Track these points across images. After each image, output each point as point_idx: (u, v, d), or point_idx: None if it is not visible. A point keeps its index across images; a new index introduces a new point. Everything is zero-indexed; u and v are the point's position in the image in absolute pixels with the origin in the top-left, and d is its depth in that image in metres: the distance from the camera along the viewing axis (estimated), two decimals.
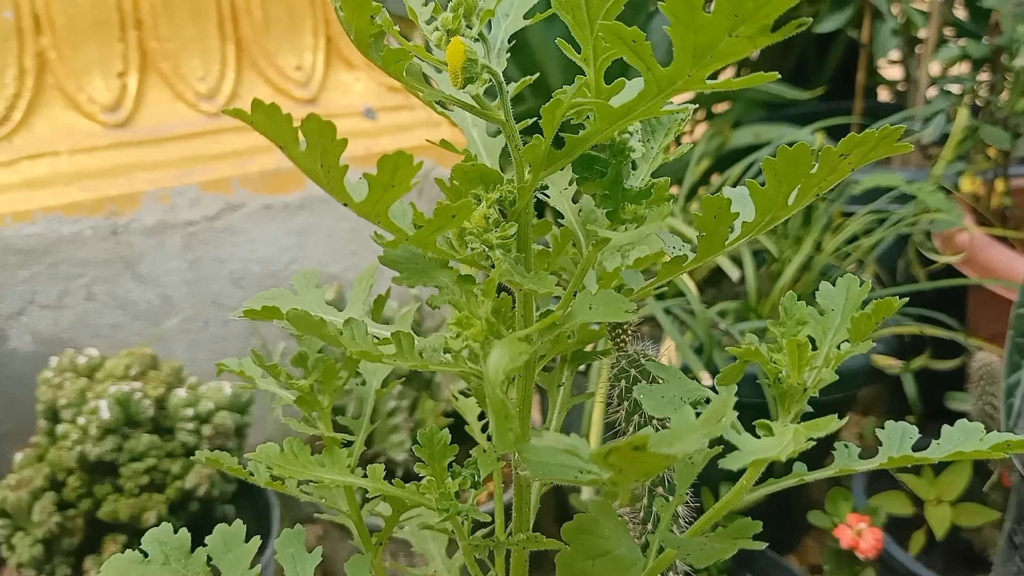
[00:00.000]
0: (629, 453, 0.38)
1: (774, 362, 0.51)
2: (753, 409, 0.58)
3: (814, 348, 0.54)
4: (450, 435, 0.64)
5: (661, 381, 0.59)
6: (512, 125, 0.54)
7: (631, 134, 0.54)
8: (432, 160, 1.69)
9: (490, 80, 0.53)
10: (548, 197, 0.62)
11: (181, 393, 1.19)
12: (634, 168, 0.60)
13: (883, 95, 2.67)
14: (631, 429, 0.69)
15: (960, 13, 2.25)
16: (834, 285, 0.60)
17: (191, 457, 1.19)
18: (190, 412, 1.18)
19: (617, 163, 0.54)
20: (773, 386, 0.52)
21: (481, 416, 0.83)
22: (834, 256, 1.69)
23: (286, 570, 0.62)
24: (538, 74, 0.61)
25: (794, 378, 0.51)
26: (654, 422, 0.68)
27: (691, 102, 2.38)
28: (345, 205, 0.47)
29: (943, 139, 1.86)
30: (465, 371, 0.52)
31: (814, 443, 0.46)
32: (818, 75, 2.52)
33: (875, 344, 1.58)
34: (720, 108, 2.56)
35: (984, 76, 1.83)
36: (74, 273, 1.42)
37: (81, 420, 1.12)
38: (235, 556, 0.62)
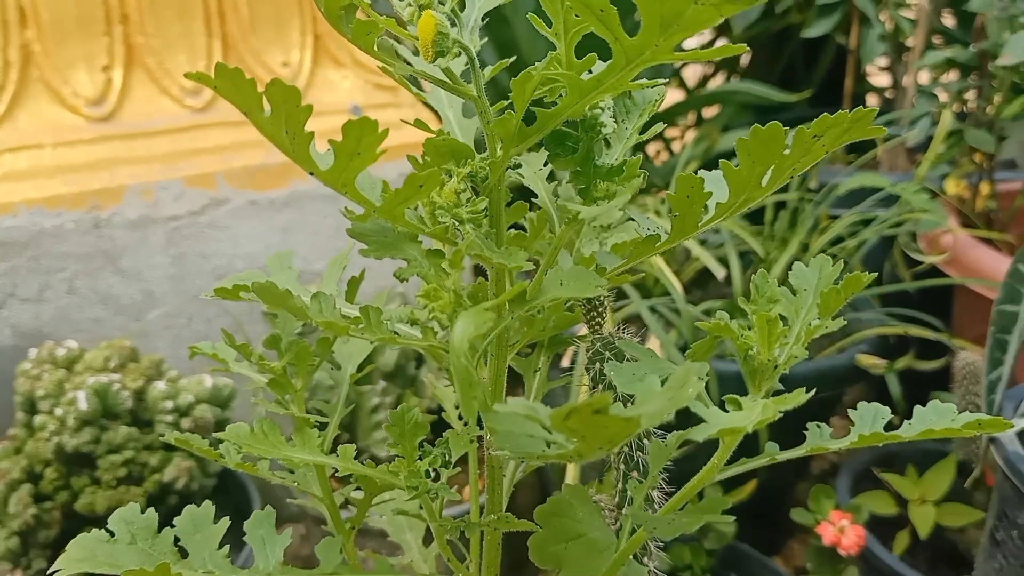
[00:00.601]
0: (589, 416, 0.38)
1: (744, 338, 0.51)
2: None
3: (786, 326, 0.53)
4: (432, 430, 0.63)
5: (633, 360, 0.58)
6: (484, 101, 0.53)
7: (602, 110, 0.53)
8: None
9: (462, 54, 0.53)
10: (523, 177, 0.62)
11: (160, 386, 1.19)
12: (608, 147, 0.60)
13: (871, 101, 2.68)
14: None
15: (948, 22, 2.26)
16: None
17: (170, 450, 1.19)
18: (169, 404, 1.17)
19: (588, 139, 0.54)
20: (744, 362, 0.52)
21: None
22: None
23: (255, 552, 0.62)
24: (515, 57, 0.61)
25: (764, 354, 0.51)
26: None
27: (682, 105, 2.38)
28: (311, 174, 0.47)
29: (929, 143, 1.87)
30: (433, 345, 0.52)
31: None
32: (806, 81, 2.53)
33: (860, 344, 1.58)
34: (709, 113, 2.57)
35: (971, 81, 1.84)
36: (55, 267, 1.41)
37: (59, 411, 1.11)
38: (203, 537, 0.61)
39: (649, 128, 0.62)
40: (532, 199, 0.62)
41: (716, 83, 2.79)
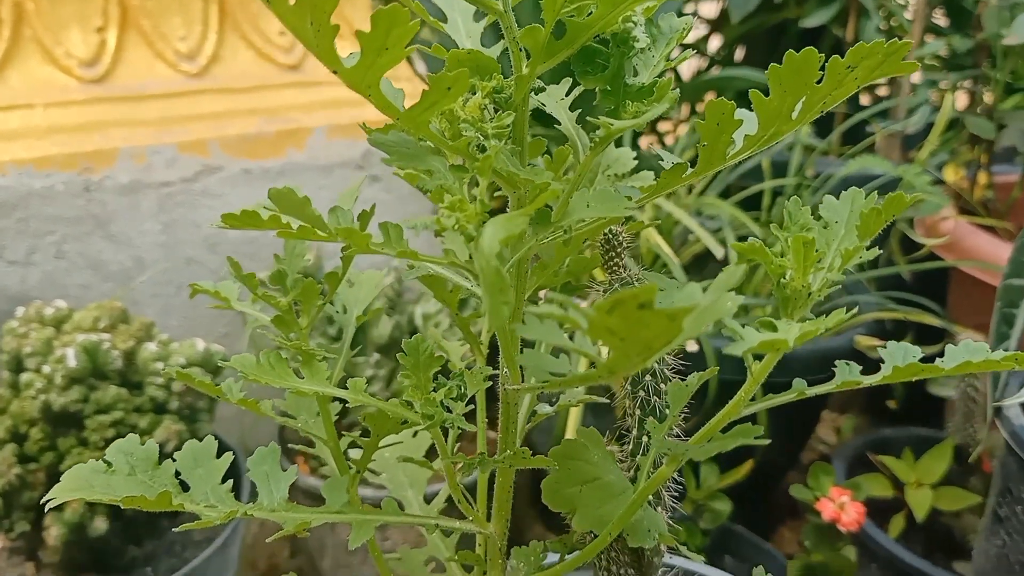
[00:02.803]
0: (633, 312, 0.36)
1: (778, 263, 0.49)
2: (739, 387, 0.55)
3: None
4: None
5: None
6: (510, 16, 0.51)
7: (635, 24, 0.51)
8: None
9: None
10: (543, 105, 0.60)
11: (151, 347, 1.16)
12: (635, 75, 0.58)
13: (864, 99, 2.68)
14: None
15: (942, 22, 2.26)
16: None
17: (160, 413, 1.16)
18: (160, 366, 1.14)
19: (620, 54, 0.52)
20: (777, 289, 0.50)
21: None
22: None
23: (259, 488, 0.59)
24: None
25: (799, 280, 0.49)
26: None
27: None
28: (335, 72, 0.45)
29: (924, 135, 1.87)
30: (455, 263, 0.50)
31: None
32: None
33: (857, 328, 1.57)
34: (702, 109, 2.56)
35: (969, 71, 1.84)
36: (44, 229, 1.38)
37: (46, 369, 1.08)
38: (205, 471, 0.59)
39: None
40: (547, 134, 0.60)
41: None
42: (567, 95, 0.60)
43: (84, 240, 1.42)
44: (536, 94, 0.58)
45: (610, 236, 0.67)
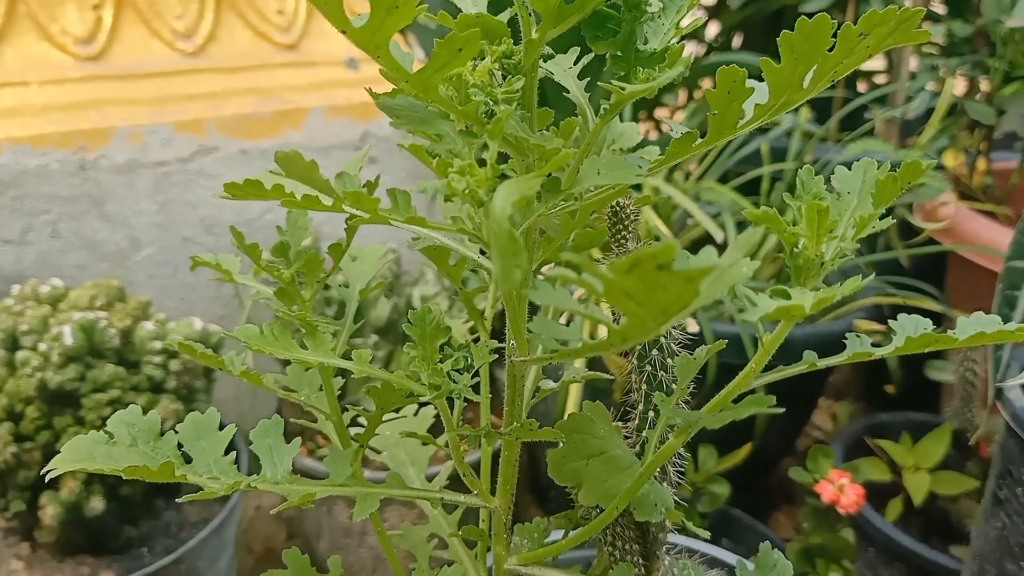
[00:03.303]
0: (652, 272, 0.35)
1: (791, 231, 0.48)
2: (737, 370, 0.55)
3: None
4: None
5: None
6: None
7: None
8: None
9: None
10: (551, 73, 0.59)
11: (148, 326, 1.15)
12: (646, 43, 0.57)
13: (861, 86, 2.67)
14: None
15: (940, 10, 2.25)
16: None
17: (158, 392, 1.15)
18: (158, 345, 1.13)
19: (631, 19, 0.51)
20: (790, 258, 0.49)
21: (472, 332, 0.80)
22: None
23: (262, 461, 0.59)
24: None
25: (812, 248, 0.48)
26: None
27: (673, 81, 2.36)
28: (343, 32, 0.44)
29: (923, 120, 1.86)
30: (464, 229, 0.49)
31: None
32: None
33: (856, 313, 1.56)
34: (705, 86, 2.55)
35: (969, 56, 1.83)
36: (39, 208, 1.37)
37: (43, 346, 1.07)
38: (207, 443, 0.58)
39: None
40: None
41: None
42: (575, 64, 0.60)
43: (79, 220, 1.40)
44: (544, 62, 0.58)
45: (617, 209, 0.66)
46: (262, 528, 1.67)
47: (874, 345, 0.56)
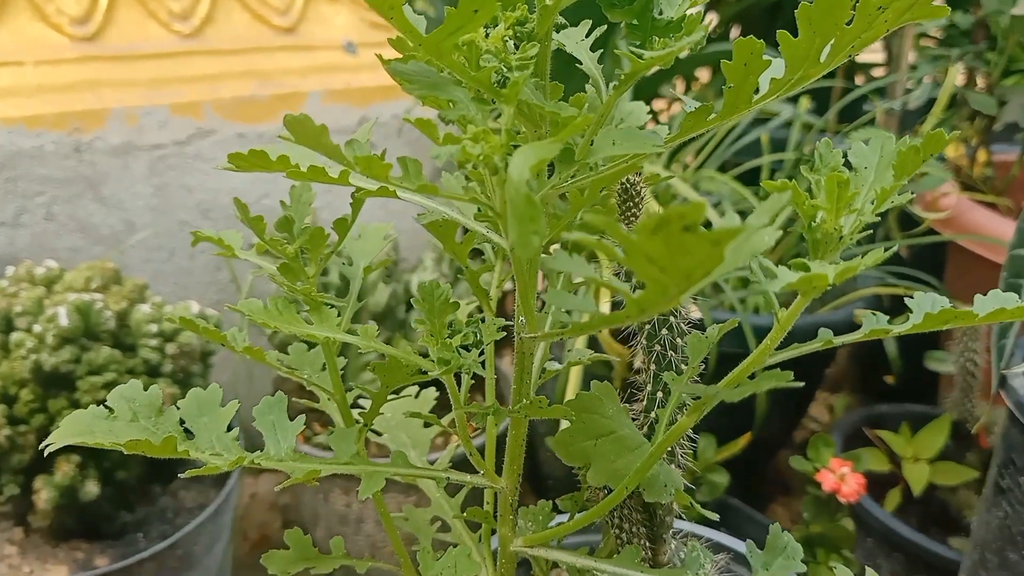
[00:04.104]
0: (677, 234, 0.34)
1: (810, 204, 0.47)
2: (738, 359, 0.54)
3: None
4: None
5: None
6: None
7: None
8: (412, 99, 1.64)
9: None
10: (563, 44, 0.58)
11: (145, 309, 1.13)
12: (661, 13, 0.56)
13: (858, 79, 2.67)
14: None
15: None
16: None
17: (154, 376, 1.14)
18: (154, 328, 1.12)
19: None
20: (807, 231, 0.48)
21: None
22: None
23: (266, 438, 0.57)
24: None
25: (831, 221, 0.47)
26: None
27: (670, 71, 2.35)
28: None
29: (922, 112, 1.85)
30: (476, 199, 0.48)
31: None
32: None
33: (856, 303, 1.55)
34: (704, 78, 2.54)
35: (970, 47, 1.82)
36: (33, 190, 1.35)
37: (37, 328, 1.05)
38: (209, 419, 0.57)
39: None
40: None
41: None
42: (587, 36, 0.58)
43: (74, 202, 1.39)
44: (556, 33, 0.57)
45: (628, 186, 0.65)
46: (257, 516, 1.66)
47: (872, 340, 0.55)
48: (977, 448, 1.45)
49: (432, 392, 0.84)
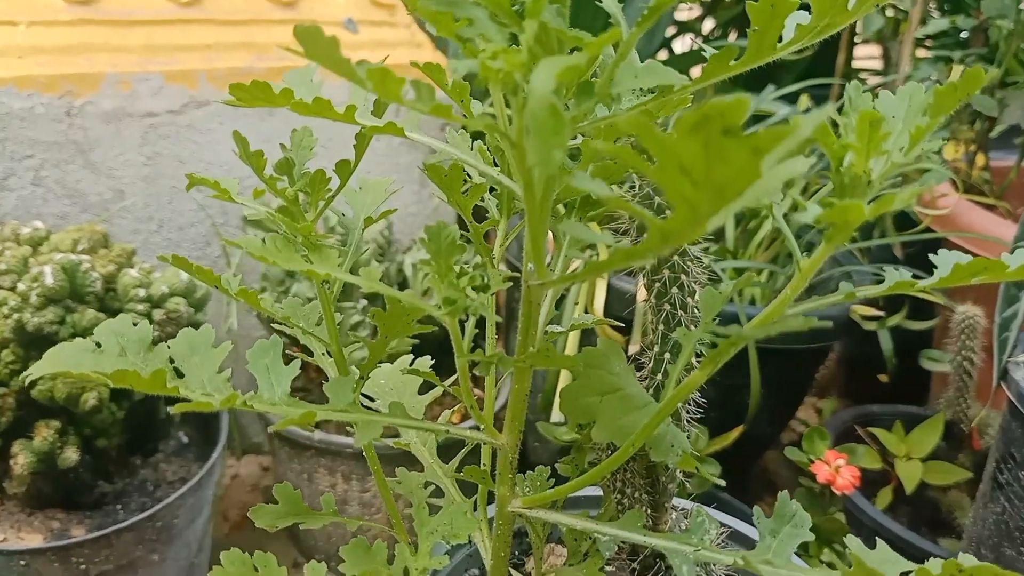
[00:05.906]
0: (716, 137, 0.32)
1: (840, 144, 0.45)
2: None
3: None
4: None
5: None
6: None
7: None
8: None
9: None
10: None
11: (133, 273, 1.10)
12: None
13: None
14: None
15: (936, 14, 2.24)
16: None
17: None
18: (142, 293, 1.09)
19: None
20: (834, 175, 0.46)
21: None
22: None
23: (259, 382, 0.55)
24: None
25: (860, 164, 0.45)
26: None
27: (667, 64, 2.34)
28: None
29: None
30: (491, 125, 0.45)
31: None
32: (796, 56, 2.50)
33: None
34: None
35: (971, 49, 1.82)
36: (22, 152, 1.32)
37: (21, 286, 1.02)
38: (200, 359, 0.54)
39: None
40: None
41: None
42: None
43: (63, 167, 1.36)
44: None
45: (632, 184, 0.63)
46: (238, 496, 1.63)
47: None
48: (969, 449, 1.44)
49: (427, 360, 0.81)
